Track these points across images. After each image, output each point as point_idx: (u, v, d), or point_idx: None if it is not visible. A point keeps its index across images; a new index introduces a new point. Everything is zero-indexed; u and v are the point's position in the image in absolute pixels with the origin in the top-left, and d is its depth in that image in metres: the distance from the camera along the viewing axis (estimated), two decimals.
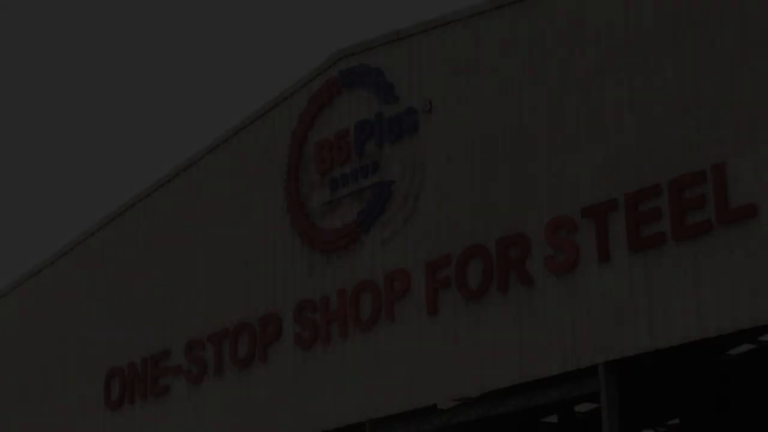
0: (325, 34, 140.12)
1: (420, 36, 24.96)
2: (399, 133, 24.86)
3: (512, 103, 22.99)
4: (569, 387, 21.37)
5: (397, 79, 25.15)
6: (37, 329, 33.86)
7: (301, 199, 26.87)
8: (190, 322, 29.11)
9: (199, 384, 28.49)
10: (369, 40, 26.12)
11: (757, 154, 18.74)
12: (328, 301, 25.72)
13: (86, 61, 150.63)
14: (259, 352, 27.15)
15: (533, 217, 21.99)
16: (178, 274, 29.99)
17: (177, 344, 29.26)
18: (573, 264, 21.12)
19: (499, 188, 22.87)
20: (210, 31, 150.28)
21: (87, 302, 32.38)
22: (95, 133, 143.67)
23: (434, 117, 24.29)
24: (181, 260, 30.04)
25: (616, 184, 20.70)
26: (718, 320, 18.99)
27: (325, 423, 25.46)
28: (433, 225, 23.95)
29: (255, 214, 28.16)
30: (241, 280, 28.13)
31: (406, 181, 24.62)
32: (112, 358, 30.94)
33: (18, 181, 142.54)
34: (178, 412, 29.05)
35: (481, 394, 22.69)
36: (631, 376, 20.65)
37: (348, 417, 24.93)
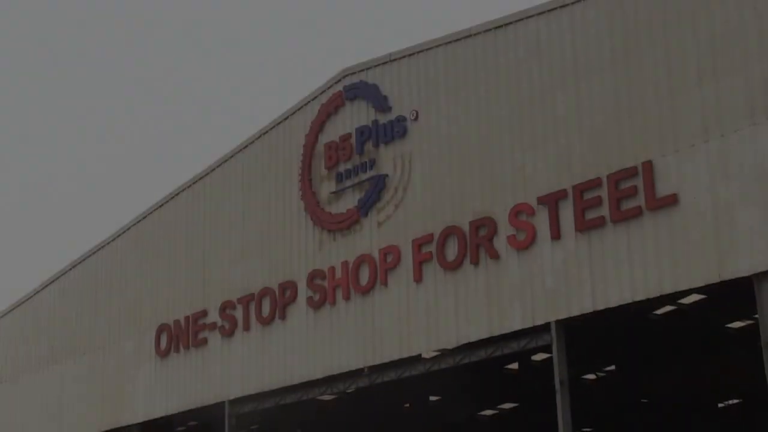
0: (333, 55, 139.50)
1: (408, 58, 24.97)
2: (391, 137, 24.93)
3: (482, 113, 23.06)
4: (527, 340, 21.54)
5: (390, 92, 25.22)
6: (104, 293, 33.75)
7: (312, 189, 26.89)
8: (224, 287, 29.09)
9: (231, 337, 28.46)
10: (367, 60, 26.08)
11: (678, 154, 19.11)
12: (334, 271, 25.72)
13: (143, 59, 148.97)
14: (279, 312, 27.14)
15: (499, 204, 22.14)
16: (215, 250, 29.88)
17: (213, 305, 29.24)
18: (531, 242, 21.33)
19: (471, 181, 22.98)
20: (243, 56, 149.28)
21: (141, 272, 32.32)
22: (150, 136, 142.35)
23: (420, 124, 24.39)
24: (217, 238, 29.93)
25: (566, 177, 20.92)
26: (646, 286, 19.35)
27: (331, 369, 25.54)
28: (418, 210, 23.99)
29: (276, 201, 28.06)
30: (265, 254, 28.08)
31: (396, 175, 24.72)
32: (161, 317, 30.92)
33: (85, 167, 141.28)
34: (213, 360, 29.01)
35: (456, 346, 22.72)
36: (577, 332, 20.82)
37: (350, 364, 25.03)
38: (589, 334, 20.89)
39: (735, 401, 31.48)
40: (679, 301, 20.65)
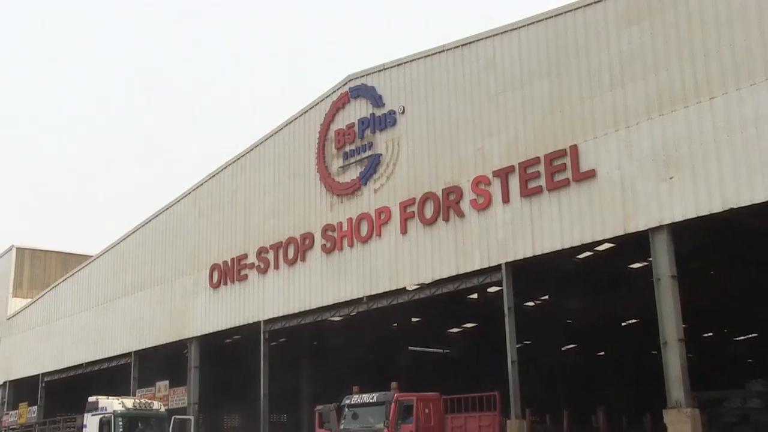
0: (342, 64, 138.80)
1: (397, 67, 24.91)
2: (384, 125, 24.94)
3: (452, 108, 23.07)
4: (484, 277, 21.72)
5: (384, 92, 25.20)
6: (172, 241, 33.86)
7: (325, 164, 26.88)
8: (260, 237, 29.13)
9: (265, 274, 28.59)
10: (366, 69, 25.99)
11: (596, 140, 19.26)
12: (342, 225, 25.80)
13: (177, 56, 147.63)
14: (300, 256, 27.24)
15: (464, 176, 22.24)
16: (253, 209, 29.85)
17: (252, 250, 29.33)
18: (487, 204, 21.46)
19: (444, 159, 23.02)
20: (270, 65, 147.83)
21: (200, 226, 32.31)
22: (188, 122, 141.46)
23: (406, 116, 24.37)
24: (254, 200, 29.91)
25: (514, 156, 21.03)
26: (571, 238, 19.57)
27: (339, 298, 25.67)
28: (404, 180, 24.03)
29: (298, 173, 28.05)
30: (290, 212, 28.07)
31: (388, 154, 24.74)
32: (213, 259, 31.03)
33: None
34: (251, 290, 29.17)
35: (432, 281, 22.87)
36: (520, 271, 20.93)
37: (353, 294, 25.19)
38: (530, 272, 21.00)
39: (634, 321, 31.74)
40: (595, 249, 20.87)
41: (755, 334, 34.32)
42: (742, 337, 35.56)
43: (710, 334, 33.44)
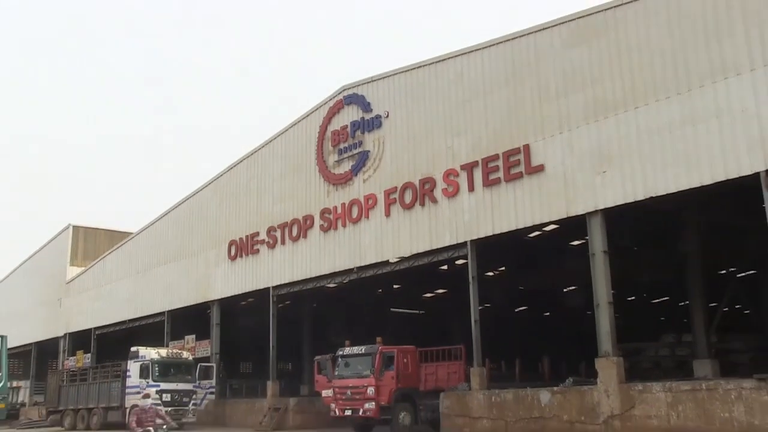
0: (337, 76, 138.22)
1: (383, 79, 24.76)
2: (372, 127, 24.80)
3: (428, 113, 22.99)
4: (452, 252, 21.68)
5: (372, 100, 25.05)
6: (197, 221, 33.62)
7: (323, 159, 26.71)
8: (269, 218, 28.99)
9: (273, 248, 28.49)
10: (357, 81, 25.79)
11: (544, 140, 19.32)
12: (336, 209, 25.69)
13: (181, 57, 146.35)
14: (302, 234, 27.13)
15: (438, 169, 22.18)
16: (263, 195, 29.66)
17: (262, 229, 29.18)
18: (456, 192, 21.45)
19: (420, 155, 22.94)
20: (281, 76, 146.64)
21: (220, 209, 32.11)
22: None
23: (390, 119, 24.26)
24: (265, 188, 29.70)
25: (478, 153, 21.01)
26: (524, 220, 19.64)
27: (334, 268, 25.57)
28: (388, 173, 23.94)
29: (301, 165, 27.88)
30: (294, 198, 27.89)
31: (375, 151, 24.61)
32: (231, 236, 30.89)
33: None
34: (262, 262, 29.05)
35: (410, 254, 22.86)
36: (482, 247, 20.97)
37: (345, 265, 25.13)
38: (490, 248, 21.02)
39: (573, 287, 31.94)
40: (543, 229, 20.84)
41: (667, 298, 34.88)
42: (657, 300, 36.08)
43: (633, 298, 33.73)
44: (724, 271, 28.52)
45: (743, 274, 27.81)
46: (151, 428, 15.42)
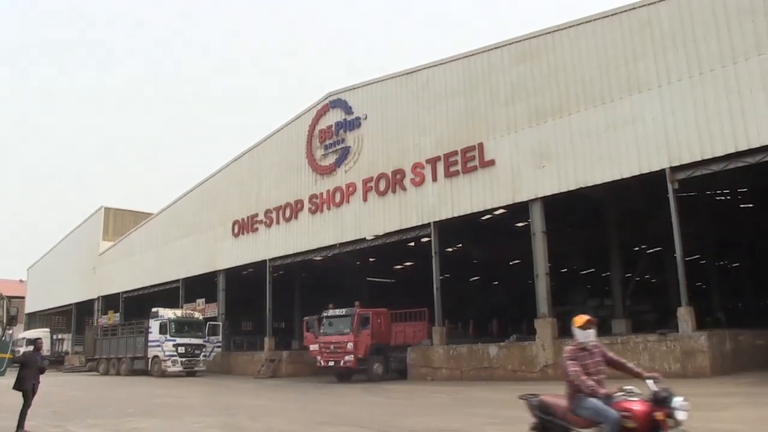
0: (324, 82, 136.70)
1: (363, 87, 24.39)
2: (353, 127, 24.42)
3: (399, 116, 22.71)
4: (419, 231, 21.58)
5: (353, 104, 24.65)
6: (208, 203, 32.90)
7: (312, 153, 26.27)
8: (266, 202, 28.52)
9: (270, 227, 28.10)
10: (341, 88, 25.38)
11: (495, 139, 19.20)
12: (323, 195, 25.34)
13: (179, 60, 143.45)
14: (294, 215, 26.78)
15: (407, 162, 21.96)
16: (261, 182, 29.14)
17: (261, 211, 28.74)
18: (422, 182, 21.30)
19: (393, 151, 22.66)
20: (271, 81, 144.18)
21: (227, 193, 31.46)
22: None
23: (368, 121, 23.94)
24: (263, 177, 29.18)
25: (440, 149, 20.84)
26: (478, 205, 19.56)
27: (320, 244, 25.25)
28: (366, 165, 23.65)
29: (293, 159, 27.35)
30: (287, 185, 27.42)
31: (355, 147, 24.26)
32: (235, 216, 30.34)
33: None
34: (260, 239, 28.61)
35: (384, 233, 22.69)
36: (443, 227, 20.86)
37: (330, 241, 24.86)
38: (450, 228, 20.98)
39: (517, 261, 31.95)
40: (494, 213, 20.73)
41: (593, 270, 35.19)
42: (584, 272, 36.38)
43: (565, 270, 33.94)
44: (636, 248, 28.91)
45: (651, 250, 28.18)
46: None
